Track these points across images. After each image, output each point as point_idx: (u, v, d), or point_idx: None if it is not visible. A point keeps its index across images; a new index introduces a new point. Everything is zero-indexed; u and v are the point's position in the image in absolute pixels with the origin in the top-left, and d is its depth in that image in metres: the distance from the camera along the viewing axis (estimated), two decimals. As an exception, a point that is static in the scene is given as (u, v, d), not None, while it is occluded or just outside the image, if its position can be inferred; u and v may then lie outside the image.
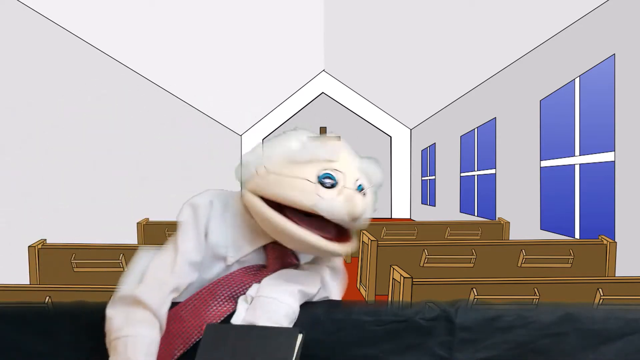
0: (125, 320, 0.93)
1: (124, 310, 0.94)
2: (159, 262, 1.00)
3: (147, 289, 0.96)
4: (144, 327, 0.93)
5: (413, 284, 2.61)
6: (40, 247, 3.26)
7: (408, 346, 1.01)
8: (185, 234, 1.02)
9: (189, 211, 1.04)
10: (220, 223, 1.04)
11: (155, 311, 0.94)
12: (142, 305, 0.94)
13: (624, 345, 1.02)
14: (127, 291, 0.97)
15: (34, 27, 4.22)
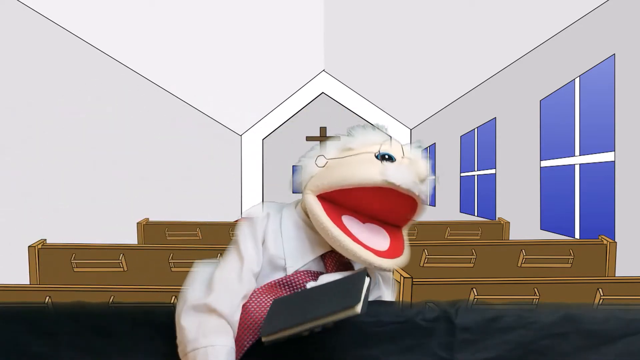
0: (200, 330, 0.93)
1: (196, 320, 0.94)
2: (226, 271, 1.01)
3: (218, 297, 0.96)
4: (220, 336, 0.93)
5: (413, 284, 2.61)
6: (40, 247, 3.25)
7: (408, 347, 1.01)
8: (244, 244, 1.03)
9: (246, 224, 1.06)
10: (277, 235, 1.05)
11: (228, 318, 0.95)
12: (216, 314, 0.94)
13: (624, 345, 1.01)
14: (199, 299, 0.96)
15: (34, 27, 4.22)
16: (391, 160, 1.00)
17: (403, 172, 0.97)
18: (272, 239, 1.04)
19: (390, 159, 1.01)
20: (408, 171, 0.98)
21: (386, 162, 1.00)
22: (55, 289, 2.30)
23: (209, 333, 0.92)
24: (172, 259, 3.01)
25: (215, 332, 0.93)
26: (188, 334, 0.93)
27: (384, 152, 1.01)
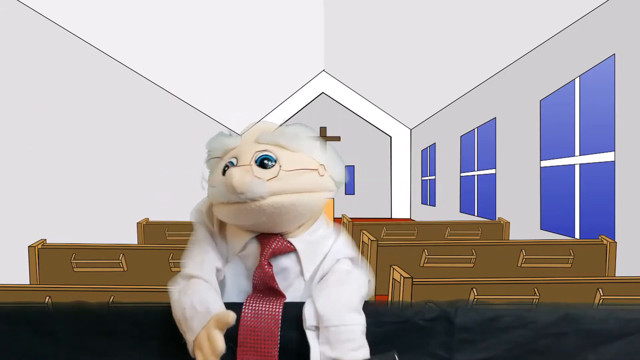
0: (184, 293, 1.00)
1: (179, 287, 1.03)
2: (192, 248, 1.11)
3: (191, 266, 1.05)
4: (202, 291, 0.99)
5: (413, 284, 2.61)
6: (40, 247, 3.26)
7: (408, 347, 1.01)
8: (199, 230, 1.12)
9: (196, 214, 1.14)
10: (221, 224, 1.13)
11: (204, 278, 1.02)
12: (193, 277, 1.03)
13: (624, 345, 1.02)
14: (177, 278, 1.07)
15: (34, 27, 4.22)
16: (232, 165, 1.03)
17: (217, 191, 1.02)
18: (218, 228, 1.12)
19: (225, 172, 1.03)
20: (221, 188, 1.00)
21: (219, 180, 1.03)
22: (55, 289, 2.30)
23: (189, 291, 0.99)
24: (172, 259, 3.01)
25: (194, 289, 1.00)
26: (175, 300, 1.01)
27: (225, 165, 1.04)
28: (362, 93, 12.45)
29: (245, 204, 0.97)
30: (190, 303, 0.96)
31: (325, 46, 10.18)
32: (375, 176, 13.05)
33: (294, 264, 1.07)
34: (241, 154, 1.03)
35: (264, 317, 1.00)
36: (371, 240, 3.83)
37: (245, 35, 7.12)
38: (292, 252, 1.07)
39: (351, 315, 0.98)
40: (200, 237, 1.11)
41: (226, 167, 1.03)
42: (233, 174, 0.97)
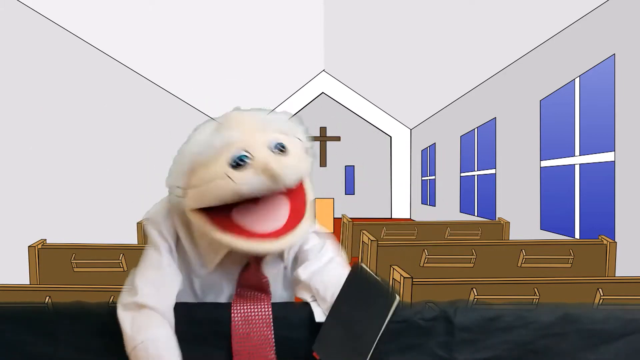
0: (134, 328, 0.94)
1: (129, 318, 0.96)
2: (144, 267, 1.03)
3: (143, 292, 0.98)
4: (153, 328, 0.94)
5: (413, 284, 2.61)
6: (40, 247, 3.26)
7: (408, 346, 1.01)
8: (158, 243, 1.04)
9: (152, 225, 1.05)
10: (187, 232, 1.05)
11: (159, 309, 0.96)
12: (146, 308, 0.96)
13: (623, 345, 1.01)
14: (127, 299, 0.98)
15: (34, 27, 4.22)
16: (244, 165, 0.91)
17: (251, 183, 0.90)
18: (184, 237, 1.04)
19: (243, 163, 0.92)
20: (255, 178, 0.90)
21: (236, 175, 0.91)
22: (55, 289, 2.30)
23: (142, 328, 0.93)
24: (172, 259, 3.01)
25: (147, 326, 0.94)
26: (126, 333, 0.95)
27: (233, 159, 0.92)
28: (362, 93, 12.44)
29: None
30: (143, 344, 0.91)
31: (325, 46, 10.18)
32: (375, 176, 13.05)
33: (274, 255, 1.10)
34: (251, 145, 0.93)
35: (256, 322, 1.00)
36: (371, 240, 3.83)
37: (245, 35, 7.12)
38: None
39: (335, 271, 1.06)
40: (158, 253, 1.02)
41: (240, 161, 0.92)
42: (271, 163, 0.89)
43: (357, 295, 0.94)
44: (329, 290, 1.00)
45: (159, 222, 1.04)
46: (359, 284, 0.95)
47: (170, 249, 1.04)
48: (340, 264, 1.12)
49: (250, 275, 1.04)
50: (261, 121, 1.02)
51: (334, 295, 0.98)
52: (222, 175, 0.92)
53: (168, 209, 1.05)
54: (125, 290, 1.01)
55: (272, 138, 0.98)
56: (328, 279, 1.03)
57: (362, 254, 4.29)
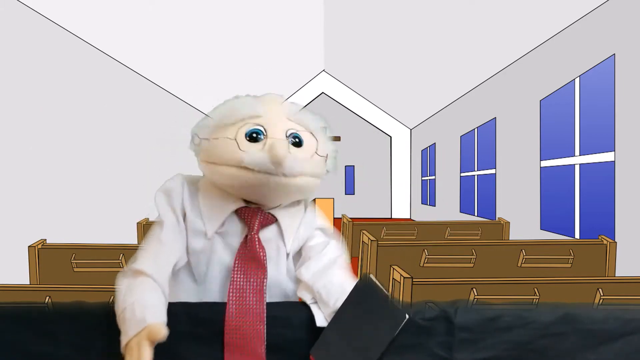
0: (127, 290, 0.96)
1: (126, 282, 0.98)
2: (149, 239, 1.06)
3: (142, 260, 1.01)
4: (145, 292, 0.95)
5: (413, 284, 2.61)
6: (40, 247, 3.26)
7: (407, 346, 1.01)
8: (164, 214, 1.06)
9: (163, 196, 1.08)
10: (193, 201, 1.08)
11: (154, 276, 0.98)
12: (142, 274, 0.98)
13: (623, 345, 1.02)
14: (127, 267, 1.02)
15: (34, 27, 4.22)
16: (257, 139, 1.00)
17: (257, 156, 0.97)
18: (189, 205, 1.07)
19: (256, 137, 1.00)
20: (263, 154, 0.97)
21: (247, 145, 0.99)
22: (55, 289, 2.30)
23: (133, 291, 0.95)
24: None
25: (139, 289, 0.95)
26: (119, 296, 0.96)
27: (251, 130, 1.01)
28: (362, 93, 12.45)
29: (275, 177, 0.97)
30: (131, 305, 0.92)
31: (325, 46, 10.18)
32: (375, 176, 13.05)
33: (275, 236, 1.10)
34: (270, 126, 1.02)
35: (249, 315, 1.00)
36: (371, 240, 3.83)
37: (245, 35, 7.12)
38: (274, 224, 1.09)
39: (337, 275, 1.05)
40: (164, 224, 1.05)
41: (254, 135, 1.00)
42: (278, 146, 0.95)
43: (364, 307, 0.93)
44: (332, 295, 1.00)
45: (169, 190, 1.08)
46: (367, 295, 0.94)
47: (177, 220, 1.06)
48: (343, 266, 1.11)
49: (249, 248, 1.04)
50: (291, 111, 1.07)
51: (337, 301, 0.98)
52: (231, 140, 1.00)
53: (180, 182, 1.10)
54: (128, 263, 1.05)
55: (292, 128, 1.04)
56: (331, 284, 1.02)
57: (362, 254, 4.29)
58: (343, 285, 1.00)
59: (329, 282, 1.03)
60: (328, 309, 0.99)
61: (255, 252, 1.04)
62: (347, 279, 1.05)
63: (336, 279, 1.04)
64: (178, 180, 1.10)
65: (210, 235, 1.06)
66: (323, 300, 1.01)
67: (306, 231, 1.14)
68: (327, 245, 1.14)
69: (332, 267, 1.08)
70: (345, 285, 1.00)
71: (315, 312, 1.01)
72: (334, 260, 1.12)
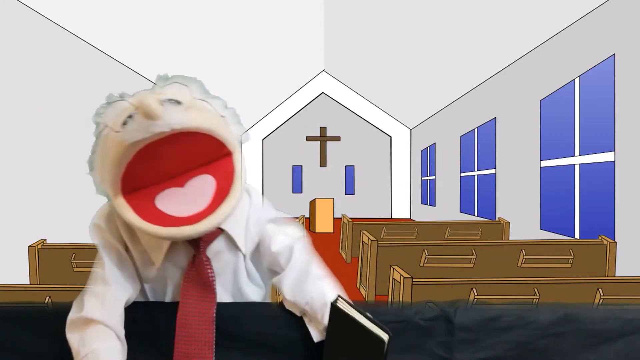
0: (81, 342, 0.93)
1: (77, 334, 0.94)
2: (92, 283, 1.00)
3: (90, 306, 0.96)
4: (98, 340, 0.93)
5: (413, 284, 2.61)
6: (40, 247, 3.26)
7: (408, 346, 1.01)
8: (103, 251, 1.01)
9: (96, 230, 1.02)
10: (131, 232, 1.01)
11: (104, 322, 0.95)
12: (93, 322, 0.94)
13: (623, 345, 1.02)
14: (75, 315, 0.97)
15: (34, 27, 4.22)
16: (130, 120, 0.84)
17: (129, 125, 0.83)
18: (128, 238, 1.01)
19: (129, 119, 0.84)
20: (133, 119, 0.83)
21: (123, 127, 0.84)
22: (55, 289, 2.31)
23: (88, 341, 0.92)
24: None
25: (93, 338, 0.92)
26: (73, 348, 0.93)
27: (126, 116, 0.85)
28: (362, 93, 12.45)
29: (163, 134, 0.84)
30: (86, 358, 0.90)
31: (325, 46, 10.18)
32: (375, 176, 13.05)
33: (225, 243, 1.05)
34: (140, 102, 0.83)
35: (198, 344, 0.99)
36: (371, 240, 3.83)
37: (246, 36, 7.12)
38: (220, 235, 1.04)
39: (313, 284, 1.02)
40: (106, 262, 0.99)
41: (127, 119, 0.85)
42: (144, 100, 0.81)
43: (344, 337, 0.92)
44: (318, 312, 0.99)
45: (102, 228, 1.01)
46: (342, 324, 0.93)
47: (118, 252, 1.01)
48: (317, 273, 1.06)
49: (197, 269, 1.00)
50: (159, 88, 0.94)
51: (324, 315, 0.97)
52: (110, 136, 0.87)
53: (109, 212, 1.02)
54: (74, 304, 1.00)
55: (164, 97, 0.89)
56: (312, 300, 0.99)
57: (362, 254, 4.29)
58: (324, 298, 0.99)
59: (310, 297, 1.00)
60: (319, 324, 0.99)
61: (204, 274, 1.00)
62: (326, 286, 1.02)
63: (316, 292, 1.01)
64: (105, 211, 1.03)
65: (158, 265, 1.01)
66: (311, 317, 1.00)
67: (256, 227, 1.08)
68: (292, 251, 1.08)
69: (307, 278, 1.04)
70: (327, 296, 0.99)
71: (309, 327, 1.01)
72: (306, 268, 1.06)
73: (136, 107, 0.84)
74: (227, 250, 1.05)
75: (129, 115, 0.85)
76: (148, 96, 0.84)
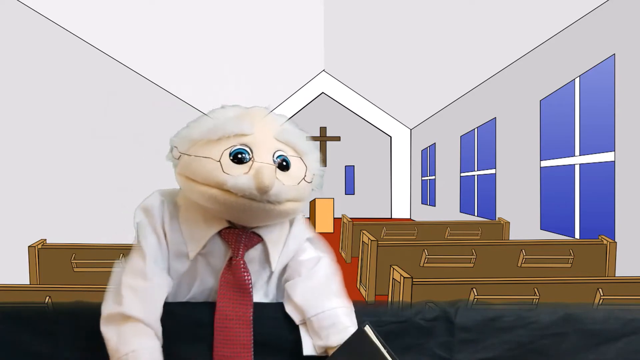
0: (120, 339, 0.92)
1: (115, 330, 0.94)
2: (131, 274, 0.99)
3: (129, 302, 0.95)
4: (138, 339, 0.92)
5: (413, 284, 2.61)
6: (40, 247, 3.26)
7: (408, 347, 1.01)
8: (145, 239, 1.01)
9: (143, 216, 1.03)
10: (173, 221, 1.02)
11: (145, 320, 0.94)
12: (131, 320, 0.93)
13: (623, 345, 1.02)
14: (111, 309, 0.96)
15: (34, 27, 4.22)
16: (243, 161, 0.92)
17: (240, 182, 0.89)
18: (169, 226, 1.01)
19: (242, 158, 0.93)
20: (248, 179, 0.89)
21: (232, 167, 0.92)
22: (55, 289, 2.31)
23: (127, 340, 0.91)
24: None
25: (133, 337, 0.92)
26: (110, 345, 0.93)
27: (236, 150, 0.93)
28: (362, 93, 12.45)
29: (260, 203, 0.91)
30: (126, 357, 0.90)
31: (325, 46, 10.18)
32: (375, 176, 13.05)
33: (260, 254, 1.05)
34: (257, 146, 0.94)
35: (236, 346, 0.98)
36: (371, 240, 3.83)
37: (246, 36, 7.12)
38: (259, 244, 1.04)
39: (329, 301, 1.00)
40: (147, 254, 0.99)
41: (240, 155, 0.92)
42: (265, 172, 0.88)
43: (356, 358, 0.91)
44: (324, 328, 0.97)
45: (149, 209, 1.02)
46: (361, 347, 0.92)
47: (158, 242, 1.01)
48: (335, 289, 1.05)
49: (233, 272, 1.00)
50: (279, 129, 1.00)
51: (329, 336, 0.96)
52: (214, 161, 0.93)
53: (161, 200, 1.04)
54: (109, 295, 0.99)
55: (280, 149, 0.97)
56: (323, 314, 0.98)
57: (362, 254, 4.29)
58: (336, 318, 0.97)
59: (322, 311, 0.99)
60: (319, 340, 0.97)
61: (240, 278, 1.00)
62: (340, 308, 1.00)
63: (328, 306, 0.99)
64: (157, 198, 1.04)
65: (192, 257, 1.01)
66: (314, 330, 0.98)
67: (294, 244, 1.08)
68: (318, 262, 1.08)
69: (324, 291, 1.03)
70: (338, 318, 0.98)
71: (304, 337, 0.99)
72: (325, 282, 1.05)
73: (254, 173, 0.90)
74: (259, 262, 1.05)
75: (240, 152, 0.93)
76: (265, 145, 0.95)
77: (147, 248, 0.99)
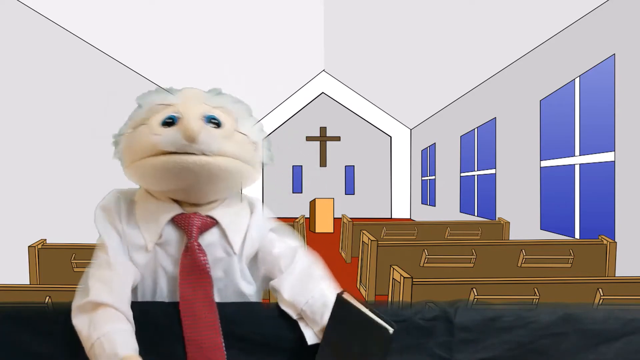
0: (91, 326, 0.93)
1: (86, 318, 0.94)
2: (96, 266, 1.02)
3: (97, 290, 0.96)
4: (110, 323, 0.93)
5: (413, 284, 2.61)
6: (40, 247, 3.26)
7: (408, 346, 1.01)
8: (106, 234, 1.03)
9: (101, 214, 1.05)
10: (130, 216, 1.05)
11: (114, 305, 0.94)
12: (102, 306, 0.94)
13: (623, 345, 1.02)
14: (81, 300, 0.97)
15: (34, 27, 4.22)
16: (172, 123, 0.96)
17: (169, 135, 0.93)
18: (126, 221, 1.04)
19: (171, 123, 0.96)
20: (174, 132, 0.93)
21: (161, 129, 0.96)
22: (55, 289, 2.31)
23: (99, 325, 0.92)
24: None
25: (104, 322, 0.92)
26: (83, 335, 0.93)
27: (166, 118, 0.98)
28: (362, 93, 12.45)
29: (194, 156, 0.93)
30: (98, 341, 0.90)
31: (325, 46, 10.18)
32: (375, 176, 13.05)
33: (219, 238, 1.05)
34: (185, 111, 0.96)
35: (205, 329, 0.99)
36: (371, 240, 3.83)
37: (246, 36, 7.12)
38: (215, 227, 1.05)
39: (316, 285, 1.03)
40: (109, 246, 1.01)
41: (169, 121, 0.96)
42: (190, 120, 0.92)
43: (347, 329, 0.92)
44: (317, 312, 0.99)
45: (107, 207, 1.05)
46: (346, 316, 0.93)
47: (119, 238, 1.03)
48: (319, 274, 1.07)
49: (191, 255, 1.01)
50: (205, 96, 1.03)
51: (323, 316, 0.97)
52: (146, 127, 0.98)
53: (116, 197, 1.07)
54: (78, 292, 1.00)
55: (209, 112, 0.99)
56: (313, 299, 1.00)
57: (362, 254, 4.29)
58: (325, 298, 0.99)
59: (311, 297, 1.00)
60: (316, 325, 0.98)
61: (197, 259, 1.01)
62: (327, 288, 1.03)
63: (317, 292, 1.01)
64: (114, 196, 1.07)
65: (150, 248, 1.02)
66: (309, 318, 1.00)
67: (258, 232, 1.09)
68: (295, 253, 1.10)
69: (309, 279, 1.05)
70: (327, 297, 0.99)
71: (304, 329, 1.00)
72: (308, 270, 1.07)
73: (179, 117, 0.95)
74: (220, 246, 1.05)
75: (170, 118, 0.97)
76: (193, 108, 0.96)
77: (110, 242, 1.02)
